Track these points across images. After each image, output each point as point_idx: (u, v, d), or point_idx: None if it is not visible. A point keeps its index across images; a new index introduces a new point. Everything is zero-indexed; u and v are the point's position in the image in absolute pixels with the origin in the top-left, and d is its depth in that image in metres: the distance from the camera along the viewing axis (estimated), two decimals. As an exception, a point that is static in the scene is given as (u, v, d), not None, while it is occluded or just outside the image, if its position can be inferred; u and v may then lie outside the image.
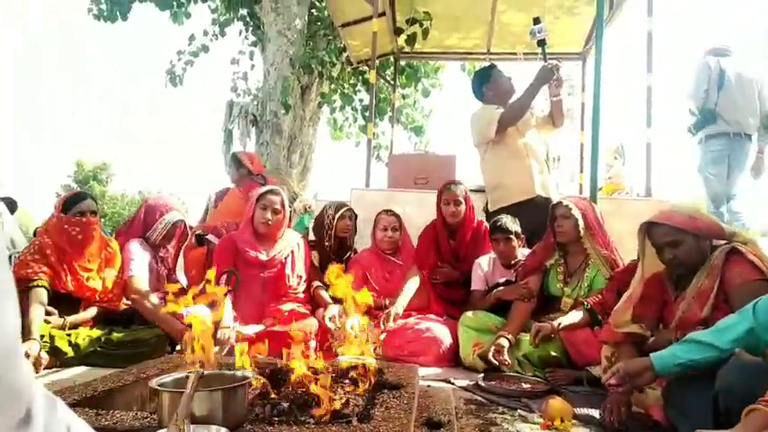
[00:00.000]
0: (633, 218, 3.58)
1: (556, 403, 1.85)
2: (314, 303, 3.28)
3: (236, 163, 4.40)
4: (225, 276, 2.88)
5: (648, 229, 2.06)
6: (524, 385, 2.42)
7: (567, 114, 4.24)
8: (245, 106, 6.81)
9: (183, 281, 3.36)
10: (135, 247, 3.11)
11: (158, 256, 3.24)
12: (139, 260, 3.08)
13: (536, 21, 3.76)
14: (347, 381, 1.97)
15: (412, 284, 3.33)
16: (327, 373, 1.77)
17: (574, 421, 1.85)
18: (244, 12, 7.95)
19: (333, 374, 1.89)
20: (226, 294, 2.77)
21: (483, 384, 2.38)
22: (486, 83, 3.98)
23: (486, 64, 6.79)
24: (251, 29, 8.04)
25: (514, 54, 6.26)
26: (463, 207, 3.44)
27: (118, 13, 7.87)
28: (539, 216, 3.24)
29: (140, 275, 3.04)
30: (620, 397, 1.83)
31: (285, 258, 3.22)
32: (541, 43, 3.74)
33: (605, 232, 2.92)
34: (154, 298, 2.98)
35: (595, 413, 1.95)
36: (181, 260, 3.44)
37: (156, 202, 3.31)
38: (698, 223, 1.96)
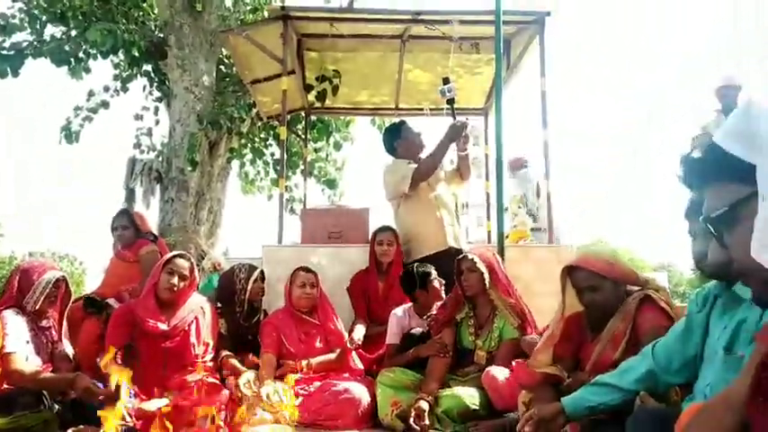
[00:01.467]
0: (538, 264, 3.73)
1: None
2: (221, 373, 3.10)
3: (128, 218, 4.11)
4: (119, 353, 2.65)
5: (570, 272, 2.15)
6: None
7: (473, 164, 4.45)
8: (148, 163, 6.55)
9: (70, 351, 3.06)
10: (10, 318, 2.78)
11: (39, 326, 2.93)
12: (15, 334, 2.75)
13: (446, 81, 3.96)
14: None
15: (359, 329, 3.43)
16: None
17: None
18: (148, 67, 7.75)
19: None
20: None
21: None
22: (396, 138, 4.11)
23: (396, 119, 7.04)
24: (155, 84, 7.84)
25: (421, 109, 6.51)
26: (394, 248, 3.70)
27: (8, 69, 7.41)
28: (452, 267, 3.27)
29: (18, 351, 2.72)
30: None
31: (189, 326, 3.03)
32: (450, 102, 3.94)
33: (510, 281, 3.01)
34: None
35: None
36: (65, 328, 3.13)
37: (30, 265, 3.00)
38: (615, 269, 2.08)
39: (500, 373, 2.64)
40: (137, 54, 7.41)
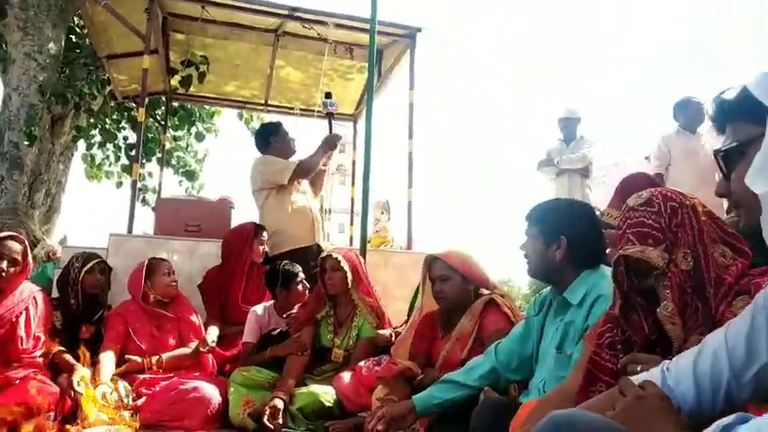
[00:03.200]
0: (397, 268, 3.89)
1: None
2: (54, 369, 2.81)
3: None
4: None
5: (430, 264, 2.28)
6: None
7: (339, 171, 4.60)
8: (-26, 133, 5.71)
9: None
10: None
11: None
12: None
13: (328, 95, 4.13)
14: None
15: (214, 329, 3.27)
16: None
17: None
18: (-21, 25, 6.77)
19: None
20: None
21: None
22: (274, 135, 4.12)
23: (265, 115, 6.92)
24: (-11, 45, 6.87)
25: (291, 108, 6.46)
26: (265, 248, 3.66)
27: None
28: (315, 264, 3.39)
29: None
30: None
31: (17, 317, 2.71)
32: (330, 115, 4.09)
33: (370, 282, 3.11)
34: None
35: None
36: None
37: None
38: (468, 267, 2.26)
39: (346, 375, 2.70)
40: (-34, 8, 6.46)
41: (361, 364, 2.69)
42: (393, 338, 2.84)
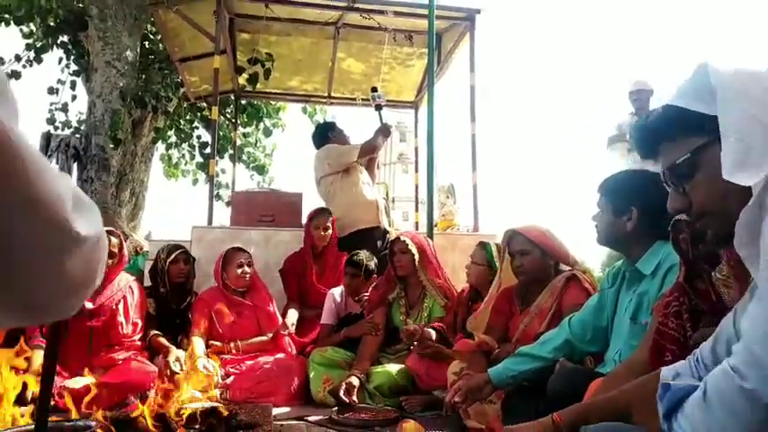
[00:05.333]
0: (464, 251, 3.93)
1: (409, 426, 1.93)
2: (151, 351, 3.05)
3: None
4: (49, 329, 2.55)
5: (510, 238, 2.31)
6: (377, 415, 2.48)
7: (400, 160, 4.71)
8: (65, 139, 6.18)
9: None
10: None
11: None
12: None
13: (374, 89, 4.29)
14: (197, 427, 1.87)
15: (293, 312, 3.43)
16: (177, 422, 1.67)
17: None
18: (65, 38, 7.29)
19: (181, 422, 1.79)
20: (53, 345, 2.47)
21: (336, 418, 2.39)
22: (331, 131, 4.36)
23: (328, 107, 7.09)
24: (73, 57, 7.39)
25: (353, 99, 6.58)
26: (330, 232, 3.74)
27: None
28: (381, 243, 3.80)
29: None
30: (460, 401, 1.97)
31: (116, 305, 2.96)
32: (379, 108, 4.25)
33: (439, 264, 3.17)
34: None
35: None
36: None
37: None
38: (548, 241, 2.27)
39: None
40: (53, 23, 6.97)
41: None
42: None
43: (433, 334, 2.70)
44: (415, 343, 2.71)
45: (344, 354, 2.99)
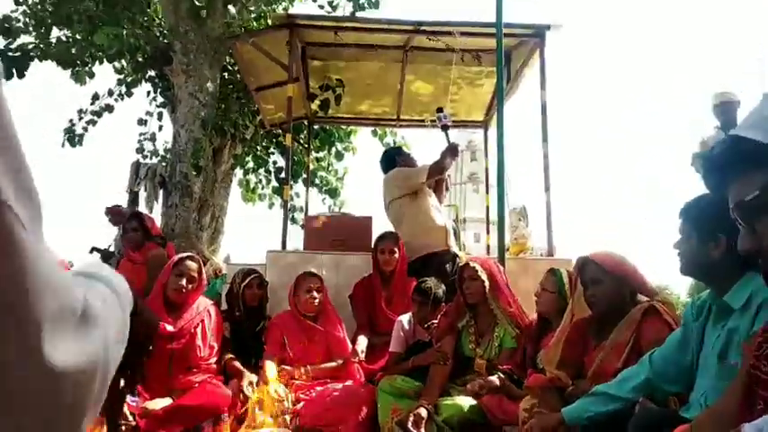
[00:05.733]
0: (537, 277, 3.77)
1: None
2: (225, 375, 3.14)
3: (138, 221, 4.21)
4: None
5: (582, 266, 2.20)
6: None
7: (471, 180, 4.67)
8: (153, 167, 6.58)
9: None
10: None
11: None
12: None
13: (439, 110, 4.27)
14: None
15: (363, 339, 3.44)
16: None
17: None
18: (152, 73, 7.81)
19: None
20: (133, 368, 2.60)
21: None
22: (398, 155, 4.45)
23: (398, 130, 7.16)
24: (160, 89, 7.89)
25: (422, 121, 6.60)
26: (397, 256, 3.72)
27: (14, 70, 7.46)
28: (449, 267, 3.79)
29: None
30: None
31: (195, 328, 3.07)
32: (445, 128, 4.23)
33: (511, 291, 3.07)
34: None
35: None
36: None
37: None
38: (623, 268, 2.13)
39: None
40: (142, 59, 7.49)
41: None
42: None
43: (496, 381, 2.59)
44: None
45: (413, 383, 2.94)
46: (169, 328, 2.99)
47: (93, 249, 6.26)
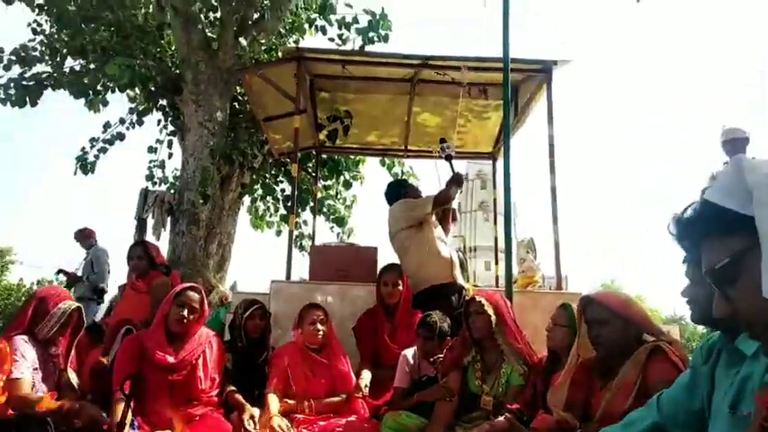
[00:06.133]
0: (546, 310, 3.72)
1: None
2: (226, 408, 3.09)
3: (143, 250, 4.21)
4: (129, 382, 2.65)
5: (585, 306, 2.17)
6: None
7: (481, 209, 4.65)
8: (160, 195, 6.62)
9: (75, 380, 3.06)
10: (20, 344, 2.77)
11: (49, 353, 2.92)
12: (24, 361, 2.74)
13: (442, 140, 4.39)
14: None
15: (367, 373, 3.36)
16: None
17: None
18: (163, 102, 7.93)
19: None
20: (129, 400, 2.57)
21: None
22: (403, 187, 4.51)
23: (405, 160, 7.19)
24: (170, 118, 8.00)
25: (429, 152, 6.62)
26: (401, 288, 3.68)
27: (27, 99, 7.60)
28: (454, 300, 3.78)
29: (25, 378, 2.71)
30: None
31: (196, 360, 3.03)
32: (449, 158, 4.29)
33: (518, 326, 3.02)
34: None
35: None
36: (73, 356, 3.14)
37: (47, 293, 3.02)
38: (629, 309, 2.10)
39: None
40: (153, 89, 7.61)
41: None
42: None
43: (504, 422, 2.52)
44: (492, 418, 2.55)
45: (418, 419, 2.87)
46: (170, 359, 2.95)
47: (60, 272, 6.40)
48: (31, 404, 2.64)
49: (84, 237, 7.10)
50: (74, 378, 3.08)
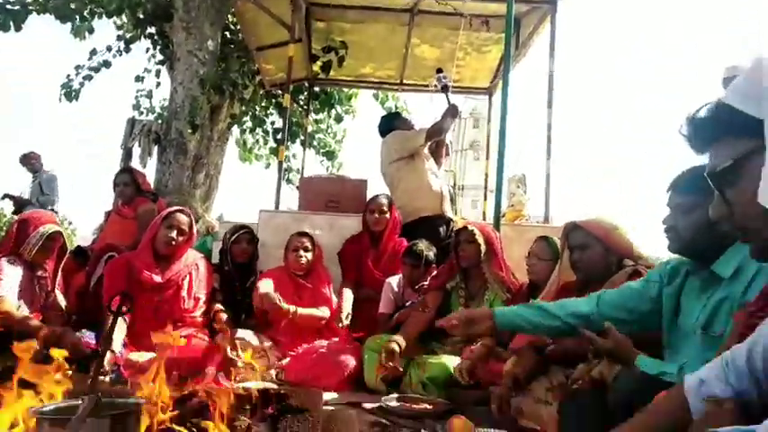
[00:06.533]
0: (531, 244, 3.74)
1: (458, 422, 1.84)
2: (212, 330, 3.12)
3: (129, 176, 4.16)
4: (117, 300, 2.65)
5: (569, 231, 2.17)
6: (428, 406, 2.40)
7: (472, 148, 4.60)
8: (147, 124, 6.49)
9: (62, 302, 3.08)
10: (4, 264, 2.79)
11: (35, 275, 2.94)
12: (8, 279, 2.76)
13: (439, 70, 4.28)
14: (248, 407, 1.88)
15: (348, 294, 3.40)
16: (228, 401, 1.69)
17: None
18: (152, 30, 7.66)
19: (234, 402, 1.80)
20: (115, 318, 2.57)
21: (387, 406, 2.34)
22: (396, 120, 4.42)
23: (400, 94, 7.04)
24: (159, 47, 7.75)
25: (425, 86, 6.47)
26: (387, 216, 3.67)
27: (11, 23, 7.29)
28: (443, 231, 3.79)
29: (8, 296, 2.72)
30: (502, 392, 1.92)
31: (182, 280, 3.04)
32: (445, 89, 4.18)
33: (503, 258, 3.04)
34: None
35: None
36: (60, 280, 3.15)
37: (29, 216, 3.01)
38: (611, 237, 2.10)
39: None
40: (142, 15, 7.33)
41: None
42: None
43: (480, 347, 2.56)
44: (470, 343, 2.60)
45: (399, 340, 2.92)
46: (157, 278, 2.96)
47: (6, 196, 6.36)
48: (16, 320, 2.65)
49: (29, 160, 7.06)
50: (61, 300, 3.10)
